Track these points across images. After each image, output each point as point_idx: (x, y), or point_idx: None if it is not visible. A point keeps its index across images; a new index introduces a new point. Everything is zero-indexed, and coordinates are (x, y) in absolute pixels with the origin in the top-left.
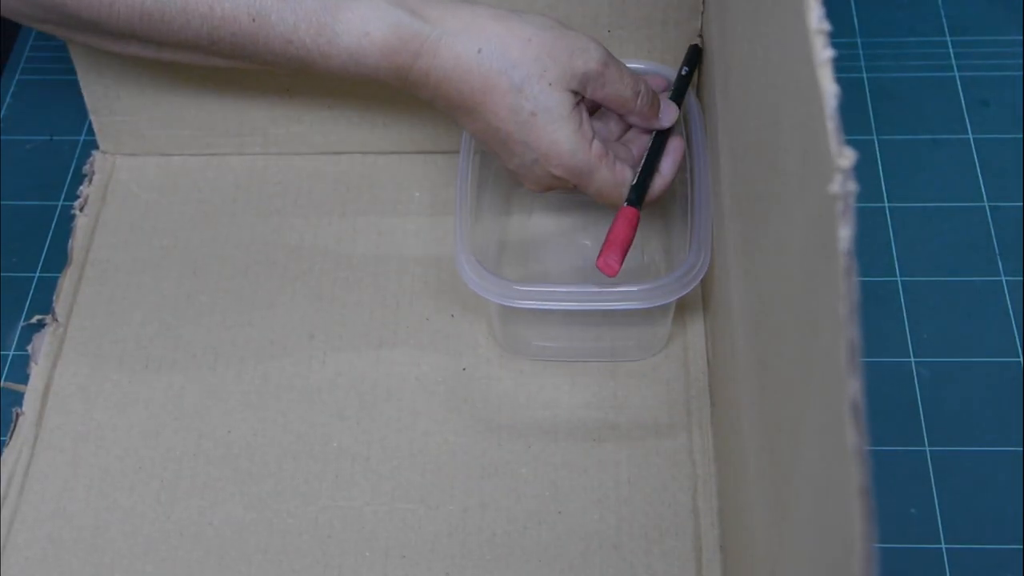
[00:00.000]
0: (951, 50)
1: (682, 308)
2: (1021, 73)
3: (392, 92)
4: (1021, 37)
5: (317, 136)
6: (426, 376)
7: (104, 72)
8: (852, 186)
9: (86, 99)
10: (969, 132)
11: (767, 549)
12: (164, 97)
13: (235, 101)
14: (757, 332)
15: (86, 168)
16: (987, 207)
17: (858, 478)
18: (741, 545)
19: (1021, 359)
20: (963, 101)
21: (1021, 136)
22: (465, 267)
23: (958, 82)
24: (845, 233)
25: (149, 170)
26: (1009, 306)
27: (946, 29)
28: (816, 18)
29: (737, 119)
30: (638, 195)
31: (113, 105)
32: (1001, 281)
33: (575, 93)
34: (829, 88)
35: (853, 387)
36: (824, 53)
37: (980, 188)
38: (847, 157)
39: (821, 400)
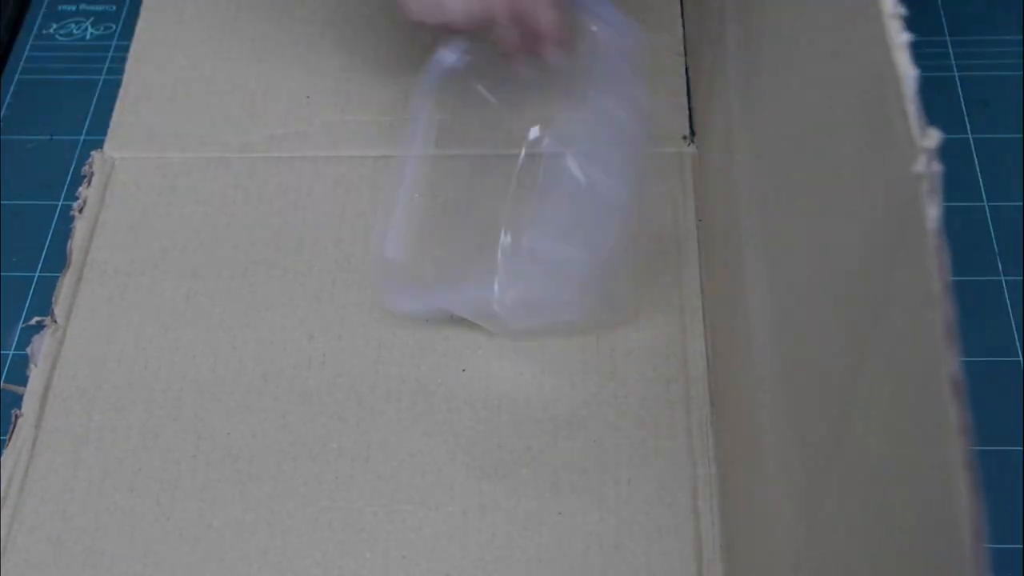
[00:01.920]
0: (951, 50)
1: (682, 308)
2: (1021, 73)
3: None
4: (1021, 37)
5: (317, 137)
6: (426, 376)
7: None
8: (937, 167)
9: None
10: (969, 132)
11: (790, 546)
12: (165, 97)
13: (236, 101)
14: (786, 329)
15: (85, 169)
16: (987, 207)
17: (962, 455)
18: (751, 543)
19: (1021, 359)
20: (963, 101)
21: (1021, 136)
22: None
23: (958, 82)
24: (933, 213)
25: (149, 170)
26: (1009, 306)
27: (946, 29)
28: (891, 3)
29: (766, 116)
30: None
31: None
32: (1001, 281)
33: None
34: (908, 72)
35: (951, 364)
36: (901, 37)
37: (980, 188)
38: (932, 137)
39: (911, 382)
